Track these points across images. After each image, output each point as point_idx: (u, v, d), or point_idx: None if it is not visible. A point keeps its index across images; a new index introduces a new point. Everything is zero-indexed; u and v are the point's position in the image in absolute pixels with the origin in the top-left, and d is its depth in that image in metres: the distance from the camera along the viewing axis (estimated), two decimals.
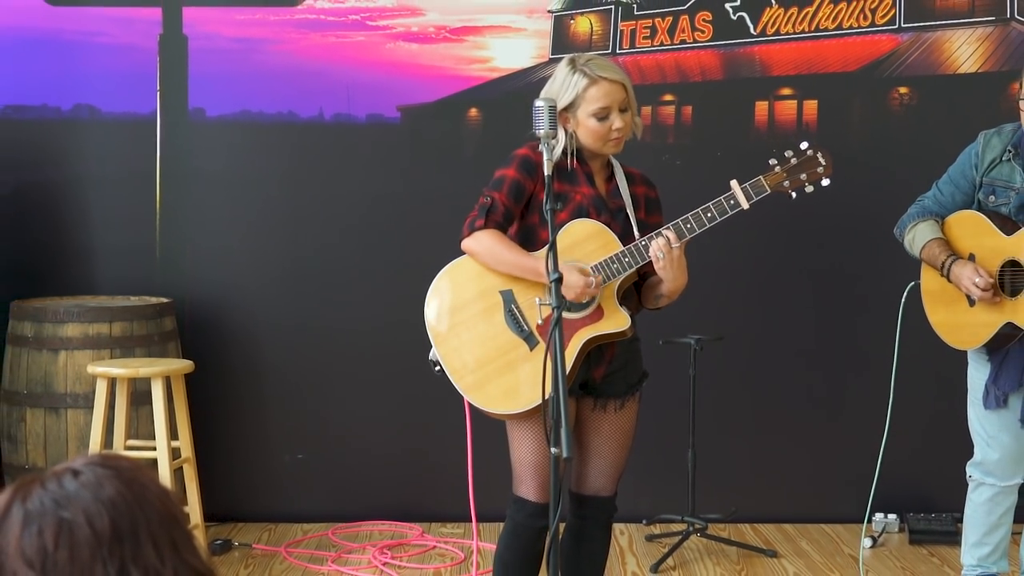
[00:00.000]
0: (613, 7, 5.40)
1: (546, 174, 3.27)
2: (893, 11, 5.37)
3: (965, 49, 5.35)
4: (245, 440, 5.46)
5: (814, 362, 5.33)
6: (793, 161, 3.49)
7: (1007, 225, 3.87)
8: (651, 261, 3.40)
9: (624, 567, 4.86)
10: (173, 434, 4.73)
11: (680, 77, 5.43)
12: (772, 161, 3.50)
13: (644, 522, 5.34)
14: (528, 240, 3.48)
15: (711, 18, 5.39)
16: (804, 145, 3.52)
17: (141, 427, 4.91)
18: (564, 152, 3.46)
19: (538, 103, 3.34)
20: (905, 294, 4.09)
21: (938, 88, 5.36)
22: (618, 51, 5.40)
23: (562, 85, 3.45)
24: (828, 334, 5.14)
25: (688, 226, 3.41)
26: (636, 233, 3.46)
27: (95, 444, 4.64)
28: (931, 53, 5.40)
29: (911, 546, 5.16)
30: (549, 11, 5.41)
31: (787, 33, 5.39)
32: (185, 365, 4.83)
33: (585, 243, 3.41)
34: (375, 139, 5.42)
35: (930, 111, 5.35)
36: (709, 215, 3.42)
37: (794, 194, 3.51)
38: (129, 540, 1.23)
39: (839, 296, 4.13)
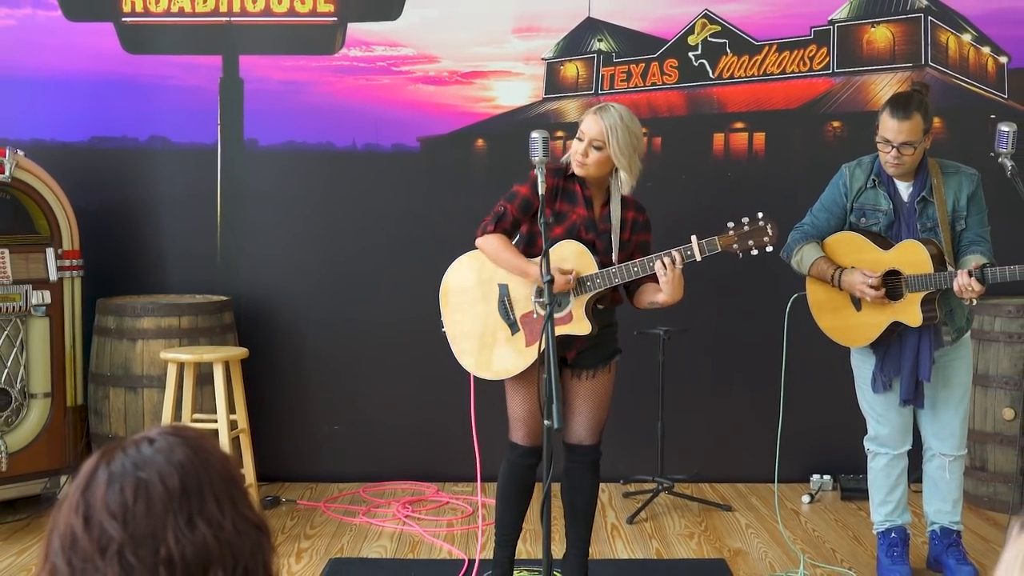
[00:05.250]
0: (596, 55, 5.40)
1: (540, 193, 3.30)
2: (827, 59, 5.37)
3: (888, 90, 5.35)
4: (291, 414, 5.46)
5: (765, 349, 5.33)
6: (746, 228, 3.47)
7: (880, 241, 3.88)
8: (619, 284, 3.49)
9: (605, 519, 4.86)
10: (231, 409, 4.73)
11: (651, 113, 5.43)
12: (729, 224, 3.47)
13: (621, 482, 5.35)
14: (531, 243, 3.59)
15: (677, 64, 5.40)
16: (760, 215, 3.48)
17: (205, 403, 4.91)
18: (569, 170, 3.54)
19: (534, 135, 3.36)
20: (789, 304, 4.08)
21: (865, 122, 5.35)
22: (600, 92, 5.39)
23: None
24: (776, 326, 5.13)
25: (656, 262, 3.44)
26: (615, 253, 3.51)
27: (166, 417, 4.64)
28: (859, 93, 5.40)
29: (843, 502, 5.17)
30: (543, 58, 5.41)
31: (740, 77, 5.39)
32: (241, 352, 4.83)
33: (569, 260, 3.50)
34: (399, 165, 5.42)
35: (858, 142, 5.33)
36: (652, 265, 3.43)
37: (741, 255, 3.49)
38: (195, 496, 1.23)
39: (785, 295, 4.13)
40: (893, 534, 4.09)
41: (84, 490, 1.23)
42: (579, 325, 3.50)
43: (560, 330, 3.48)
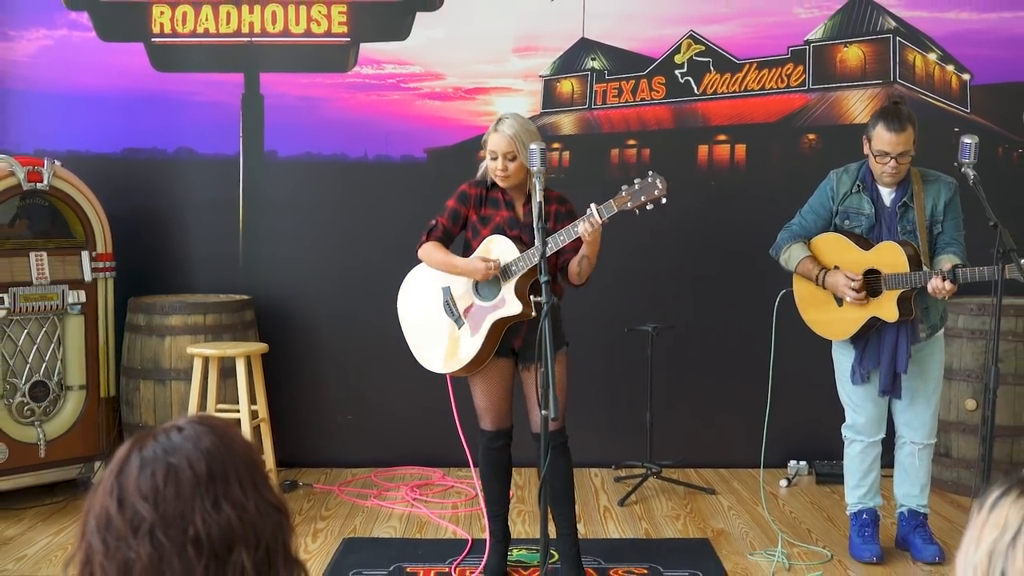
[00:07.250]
0: (589, 73, 5.40)
1: (535, 201, 3.30)
2: (803, 76, 5.38)
3: (859, 104, 5.35)
4: (307, 405, 5.46)
5: (745, 344, 5.34)
6: (636, 187, 3.45)
7: (861, 242, 3.90)
8: (533, 264, 3.49)
9: (598, 501, 4.86)
10: (253, 400, 4.73)
11: (641, 126, 5.43)
12: (623, 187, 3.46)
13: (613, 467, 5.35)
14: (466, 247, 3.73)
15: (664, 81, 5.40)
16: (650, 173, 3.46)
17: (228, 394, 4.91)
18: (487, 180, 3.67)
19: (532, 146, 3.36)
20: (778, 299, 4.08)
21: (838, 135, 5.36)
22: (593, 107, 5.40)
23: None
24: (755, 323, 5.13)
25: (563, 236, 3.50)
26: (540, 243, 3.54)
27: (193, 407, 4.64)
28: (833, 108, 5.40)
29: (817, 486, 5.17)
30: (540, 76, 5.41)
31: (723, 93, 5.40)
32: (262, 347, 4.84)
33: (495, 251, 3.63)
34: (407, 174, 5.42)
35: (832, 153, 5.34)
36: (576, 230, 3.46)
37: (638, 211, 3.47)
38: (221, 480, 1.23)
39: (764, 294, 4.14)
40: (865, 515, 4.10)
41: (118, 474, 1.24)
42: (512, 306, 3.59)
43: (496, 314, 3.60)
